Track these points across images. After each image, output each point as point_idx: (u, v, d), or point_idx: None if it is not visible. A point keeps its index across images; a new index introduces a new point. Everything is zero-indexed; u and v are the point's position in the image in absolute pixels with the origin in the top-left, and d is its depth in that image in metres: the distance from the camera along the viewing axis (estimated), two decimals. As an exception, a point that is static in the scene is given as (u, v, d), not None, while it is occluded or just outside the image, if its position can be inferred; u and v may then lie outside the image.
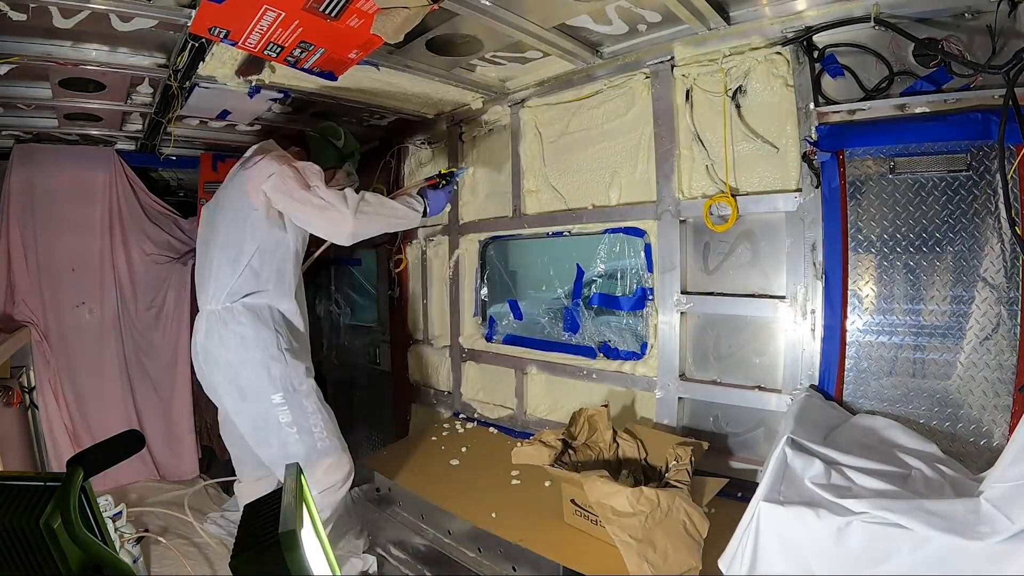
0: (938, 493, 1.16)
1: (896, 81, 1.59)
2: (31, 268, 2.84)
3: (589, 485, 1.52)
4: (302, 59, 1.72)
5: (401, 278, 3.26)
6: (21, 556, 0.70)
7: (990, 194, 1.44)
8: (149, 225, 3.17)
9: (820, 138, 1.67)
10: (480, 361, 2.81)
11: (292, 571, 0.61)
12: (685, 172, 2.02)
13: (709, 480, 1.67)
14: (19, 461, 2.55)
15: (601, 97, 2.24)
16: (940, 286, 1.52)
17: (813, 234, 1.73)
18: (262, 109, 2.51)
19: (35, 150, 2.82)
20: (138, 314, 3.13)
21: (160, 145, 2.90)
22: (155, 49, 1.89)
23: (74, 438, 2.85)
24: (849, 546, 1.08)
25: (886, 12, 1.54)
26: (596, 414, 1.93)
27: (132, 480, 3.01)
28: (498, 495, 1.97)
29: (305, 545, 0.64)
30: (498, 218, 2.70)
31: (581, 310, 2.42)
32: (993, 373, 1.45)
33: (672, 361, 2.05)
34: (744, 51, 1.83)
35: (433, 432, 2.66)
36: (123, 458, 0.96)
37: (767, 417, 1.89)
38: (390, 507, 2.27)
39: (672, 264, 2.04)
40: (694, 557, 1.42)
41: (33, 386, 2.78)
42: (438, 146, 3.02)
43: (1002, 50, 1.41)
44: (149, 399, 3.17)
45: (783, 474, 1.24)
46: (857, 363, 1.65)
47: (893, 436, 1.45)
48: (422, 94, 2.47)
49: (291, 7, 1.45)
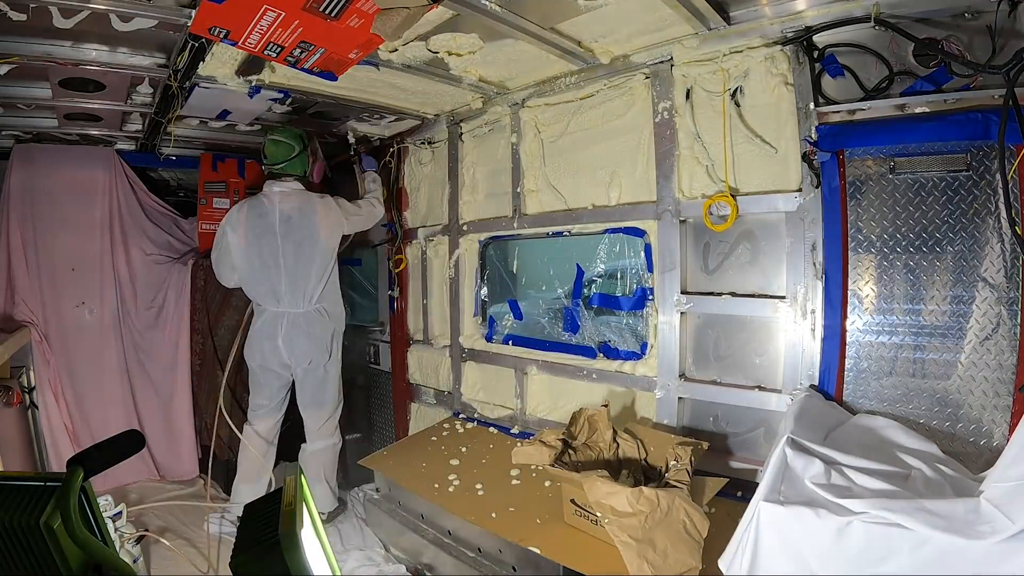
0: (938, 493, 1.16)
1: (896, 81, 1.59)
2: (31, 268, 2.85)
3: (589, 485, 1.52)
4: (302, 59, 1.72)
5: (401, 278, 3.26)
6: (21, 556, 0.70)
7: (990, 194, 1.44)
8: (149, 225, 3.17)
9: (820, 138, 1.67)
10: (480, 361, 2.81)
11: (292, 571, 0.61)
12: (685, 172, 2.02)
13: (709, 480, 1.67)
14: (19, 461, 2.55)
15: (601, 97, 2.24)
16: (940, 286, 1.52)
17: (813, 234, 1.73)
18: (262, 109, 2.51)
19: (35, 150, 2.82)
20: (138, 314, 3.13)
21: (160, 145, 2.90)
22: (155, 49, 1.89)
23: (74, 438, 2.86)
24: (849, 546, 1.08)
25: (886, 12, 1.54)
26: (596, 414, 1.93)
27: (132, 480, 3.01)
28: (498, 495, 1.97)
29: (305, 545, 0.64)
30: (498, 218, 2.70)
31: (581, 310, 2.41)
32: (993, 373, 1.45)
33: (672, 361, 2.05)
34: (744, 51, 1.83)
35: (433, 432, 2.66)
36: (123, 458, 0.96)
37: (767, 417, 1.88)
38: (390, 507, 2.27)
39: (672, 264, 2.04)
40: (694, 557, 1.42)
41: (33, 386, 2.78)
42: (438, 146, 3.02)
43: (1002, 50, 1.41)
44: (149, 399, 3.17)
45: (783, 474, 1.24)
46: (857, 363, 1.65)
47: (893, 436, 1.45)
48: (422, 93, 2.47)
49: (291, 7, 1.45)
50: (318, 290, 2.69)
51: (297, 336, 2.67)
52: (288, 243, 2.63)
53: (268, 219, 2.62)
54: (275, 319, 2.67)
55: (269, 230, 2.62)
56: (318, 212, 2.65)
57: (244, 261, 2.66)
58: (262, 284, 2.67)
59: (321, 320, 2.72)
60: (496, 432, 2.60)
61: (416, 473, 2.20)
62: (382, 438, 3.52)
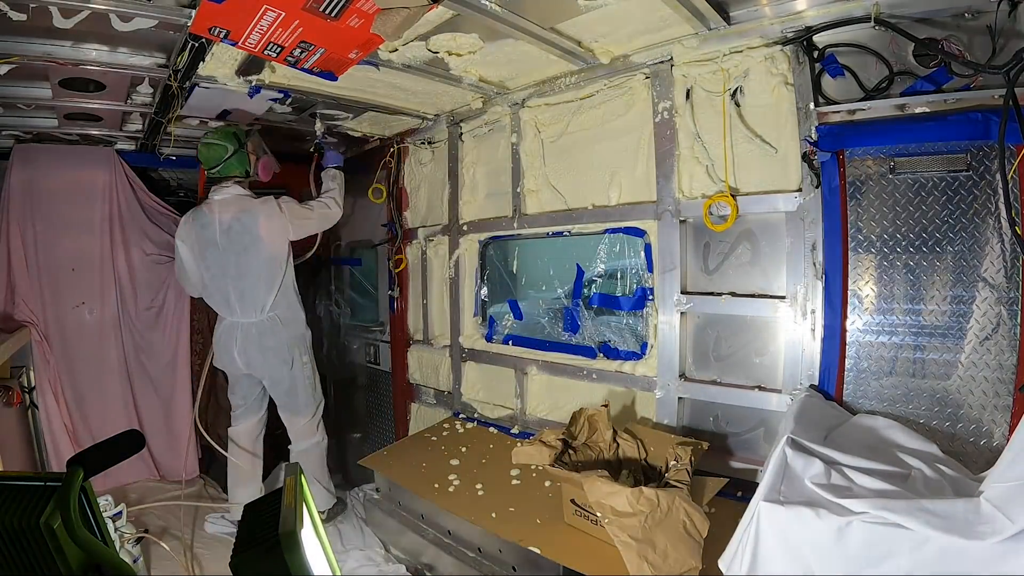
0: (938, 493, 1.16)
1: (896, 81, 1.59)
2: (31, 268, 2.84)
3: (589, 485, 1.51)
4: (302, 59, 1.72)
5: (401, 278, 3.26)
6: (21, 556, 0.70)
7: (990, 194, 1.44)
8: (149, 225, 3.17)
9: (820, 138, 1.67)
10: (480, 361, 2.81)
11: (292, 571, 0.61)
12: (685, 172, 2.02)
13: (709, 480, 1.67)
14: (19, 461, 2.55)
15: (601, 97, 2.24)
16: (940, 286, 1.52)
17: (813, 234, 1.73)
18: (262, 109, 2.51)
19: (35, 150, 2.82)
20: (138, 314, 3.13)
21: (160, 145, 2.90)
22: (155, 49, 1.89)
23: (74, 438, 2.85)
24: (849, 546, 1.08)
25: (886, 12, 1.54)
26: (596, 414, 1.93)
27: (132, 480, 3.01)
28: (498, 495, 1.97)
29: (305, 545, 0.64)
30: (498, 218, 2.70)
31: (581, 310, 2.41)
32: (993, 373, 1.45)
33: (672, 361, 2.05)
34: (744, 51, 1.83)
35: (433, 432, 2.66)
36: (123, 458, 0.96)
37: (767, 417, 1.88)
38: (390, 507, 2.27)
39: (672, 264, 2.04)
40: (694, 557, 1.42)
41: (33, 386, 2.78)
42: (438, 146, 3.02)
43: (1002, 50, 1.41)
44: (149, 399, 3.17)
45: (783, 474, 1.24)
46: (857, 363, 1.65)
47: (893, 436, 1.45)
48: (422, 93, 2.47)
49: (291, 7, 1.45)
50: (269, 299, 2.60)
51: (250, 348, 2.62)
52: (230, 255, 2.55)
53: (209, 231, 2.55)
54: (231, 328, 2.64)
55: (211, 242, 2.56)
56: (259, 220, 2.53)
57: (196, 273, 2.65)
58: (215, 295, 2.64)
59: (275, 330, 2.63)
60: (496, 432, 2.60)
61: (416, 473, 2.20)
62: (382, 438, 3.52)
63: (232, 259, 2.55)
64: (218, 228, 2.53)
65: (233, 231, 2.53)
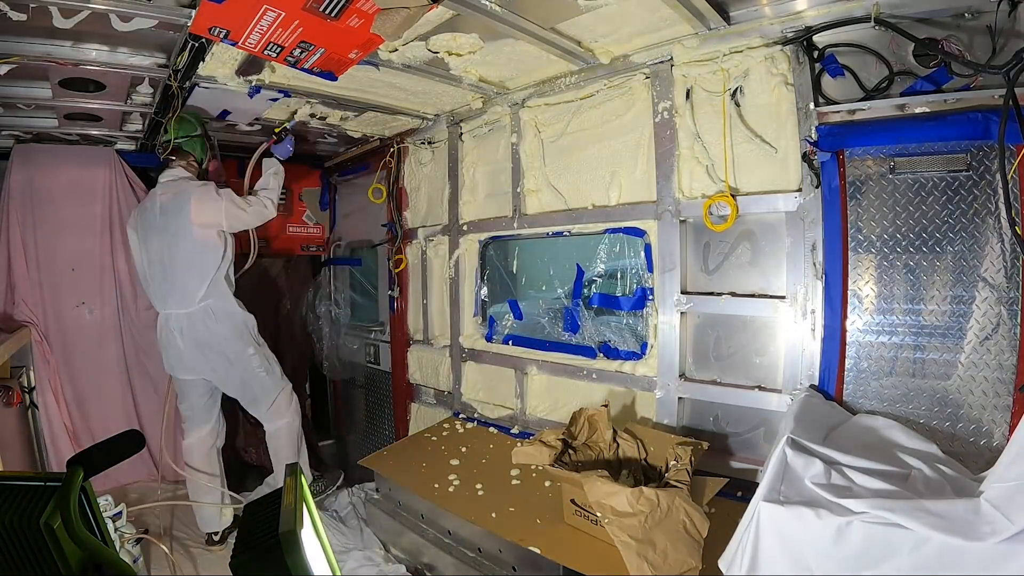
0: (938, 493, 1.16)
1: (896, 81, 1.59)
2: (31, 268, 2.85)
3: (589, 485, 1.51)
4: (302, 59, 1.73)
5: (401, 278, 3.26)
6: (21, 556, 0.70)
7: (990, 194, 1.44)
8: (149, 225, 3.17)
9: (820, 138, 1.67)
10: (480, 361, 2.81)
11: (292, 571, 0.61)
12: (685, 172, 2.02)
13: (709, 480, 1.67)
14: (19, 461, 2.55)
15: (601, 97, 2.24)
16: (940, 286, 1.52)
17: (813, 234, 1.73)
18: (262, 109, 2.51)
19: (35, 150, 2.82)
20: (138, 314, 3.13)
21: (160, 145, 2.89)
22: (155, 49, 1.89)
23: (74, 438, 2.86)
24: (849, 546, 1.08)
25: (886, 12, 1.54)
26: (596, 414, 1.93)
27: (132, 480, 3.01)
28: (498, 495, 1.97)
29: (305, 545, 0.64)
30: (498, 218, 2.70)
31: (581, 310, 2.41)
32: (993, 373, 1.45)
33: (672, 361, 2.05)
34: (744, 51, 1.83)
35: (433, 432, 2.65)
36: (123, 458, 0.96)
37: (767, 417, 1.88)
38: (390, 507, 2.27)
39: (672, 264, 2.04)
40: (694, 557, 1.42)
41: (33, 386, 2.78)
42: (438, 146, 3.02)
43: (1002, 50, 1.41)
44: (149, 399, 3.17)
45: (783, 474, 1.24)
46: (857, 363, 1.65)
47: (893, 436, 1.45)
48: (422, 93, 2.47)
49: (291, 7, 1.46)
50: (201, 288, 2.47)
51: (186, 344, 2.51)
52: (165, 236, 2.45)
53: (149, 214, 2.48)
54: (166, 322, 2.53)
55: (151, 224, 2.48)
56: (191, 202, 2.41)
57: (138, 261, 2.58)
58: (151, 283, 2.55)
59: (208, 322, 2.50)
60: (496, 432, 2.59)
61: (416, 473, 2.20)
62: (382, 438, 3.52)
63: (166, 240, 2.46)
64: (158, 209, 2.47)
65: (169, 211, 2.45)
